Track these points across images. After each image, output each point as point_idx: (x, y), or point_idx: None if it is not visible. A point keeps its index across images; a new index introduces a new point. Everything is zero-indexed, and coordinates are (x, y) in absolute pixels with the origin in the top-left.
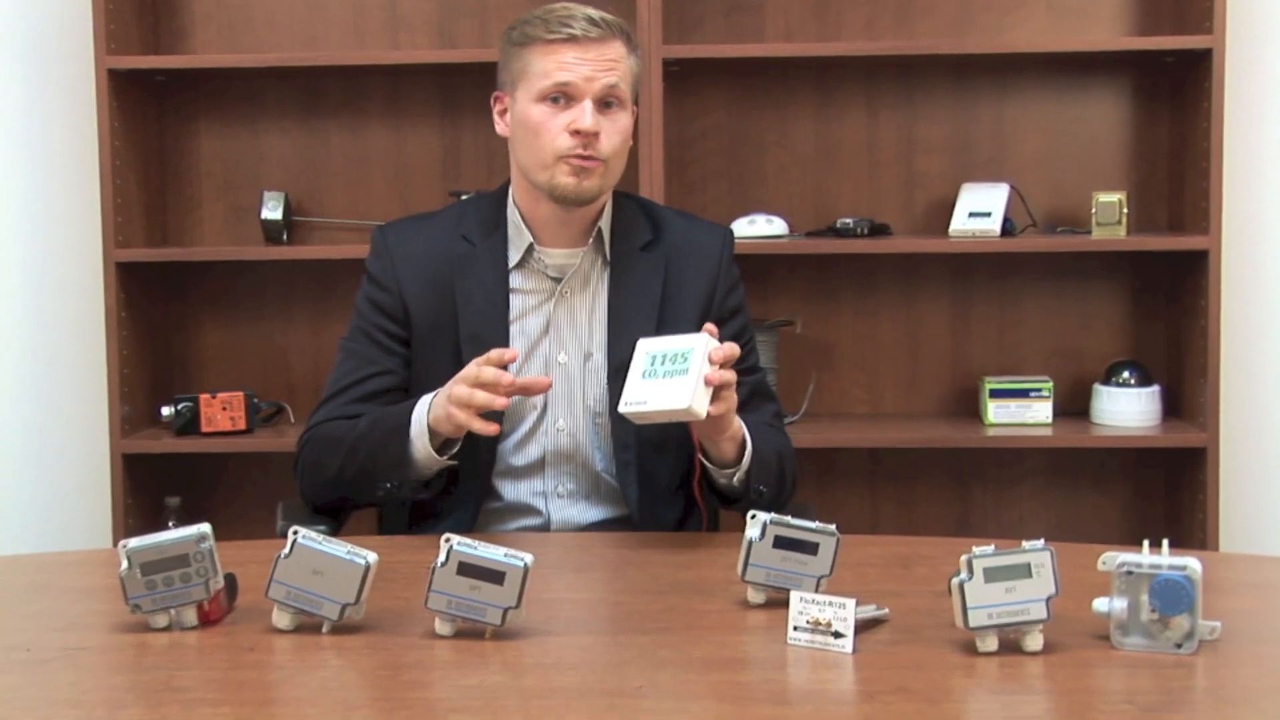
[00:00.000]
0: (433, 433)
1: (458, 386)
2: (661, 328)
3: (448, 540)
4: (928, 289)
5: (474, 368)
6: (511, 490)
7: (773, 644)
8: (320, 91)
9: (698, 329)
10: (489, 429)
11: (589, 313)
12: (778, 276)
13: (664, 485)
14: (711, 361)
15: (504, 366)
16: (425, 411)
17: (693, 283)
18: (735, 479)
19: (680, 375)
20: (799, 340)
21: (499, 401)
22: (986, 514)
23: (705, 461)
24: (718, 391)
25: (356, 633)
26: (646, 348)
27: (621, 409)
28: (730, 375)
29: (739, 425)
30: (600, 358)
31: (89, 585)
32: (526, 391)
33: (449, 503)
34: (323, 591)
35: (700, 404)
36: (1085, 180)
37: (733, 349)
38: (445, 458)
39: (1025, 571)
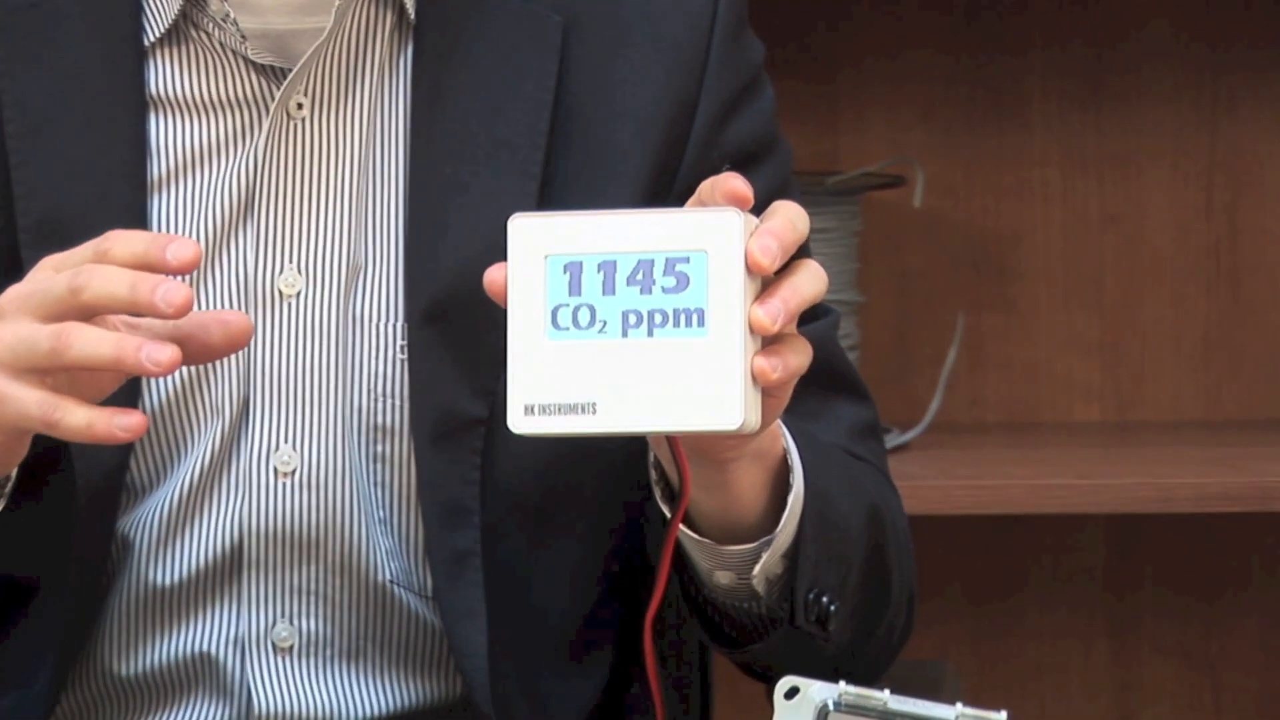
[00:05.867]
0: None
1: (10, 323)
2: (552, 198)
3: None
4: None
5: (67, 258)
6: (155, 639)
7: None
8: None
9: (651, 199)
10: (118, 428)
11: (364, 162)
12: (861, 59)
13: (556, 610)
14: (755, 270)
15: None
16: None
17: (639, 81)
18: (756, 573)
19: (689, 331)
20: (919, 228)
21: (166, 310)
22: None
23: (687, 533)
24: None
25: None
26: (554, 244)
27: (516, 424)
28: (802, 298)
29: (781, 430)
30: (387, 278)
31: None
32: (207, 353)
33: None
34: None
35: (755, 407)
36: None
37: (791, 222)
38: None
39: None
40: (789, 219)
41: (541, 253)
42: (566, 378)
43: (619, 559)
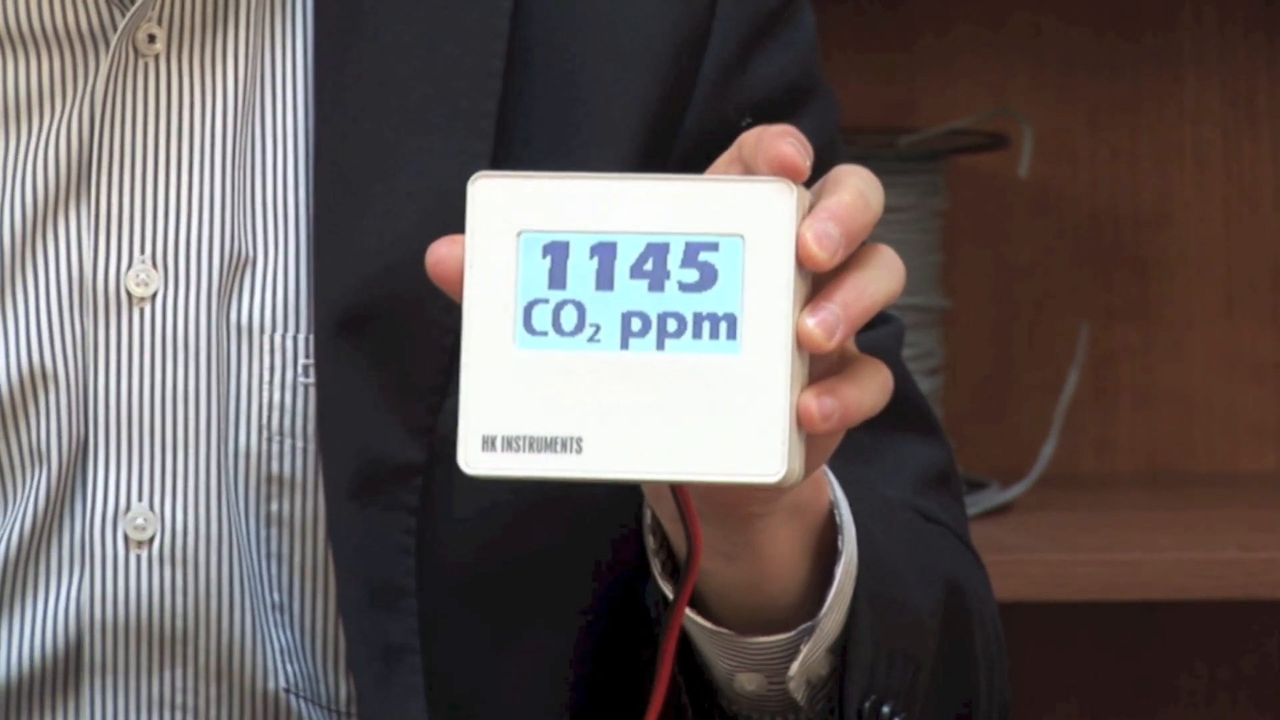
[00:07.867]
0: None
1: None
2: (509, 163)
3: None
4: None
5: None
6: None
7: None
8: None
9: (643, 164)
10: None
11: (245, 115)
12: None
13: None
14: (808, 264)
15: None
16: None
17: (628, 2)
18: (793, 673)
19: (714, 345)
20: (1026, 207)
21: None
22: None
23: (698, 620)
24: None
25: None
26: (532, 217)
27: (470, 463)
28: (870, 302)
29: (826, 476)
30: (283, 273)
31: None
32: None
33: None
34: None
35: (800, 453)
36: None
37: (863, 198)
38: None
39: None
40: (860, 194)
41: (513, 228)
42: (542, 402)
43: (607, 655)
